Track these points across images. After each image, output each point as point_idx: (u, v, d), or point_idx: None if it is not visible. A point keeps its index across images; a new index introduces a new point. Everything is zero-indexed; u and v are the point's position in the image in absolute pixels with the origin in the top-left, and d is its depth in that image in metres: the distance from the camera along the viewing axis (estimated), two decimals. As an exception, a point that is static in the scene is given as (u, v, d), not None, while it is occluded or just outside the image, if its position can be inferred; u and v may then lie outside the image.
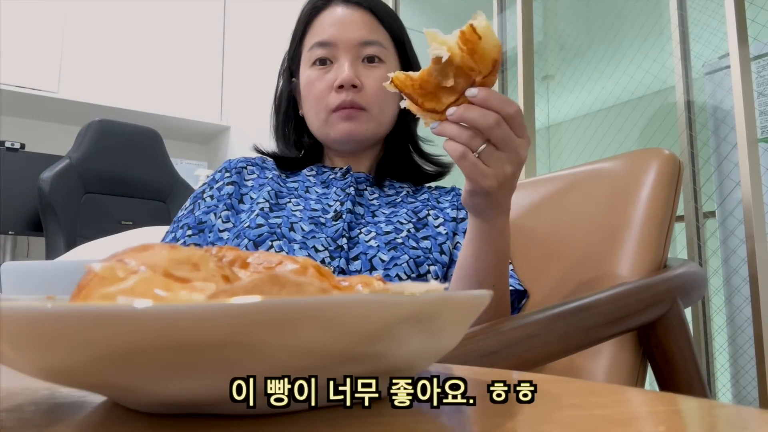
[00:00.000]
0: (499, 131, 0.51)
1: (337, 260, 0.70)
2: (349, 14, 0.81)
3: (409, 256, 0.71)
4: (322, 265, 0.70)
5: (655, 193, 0.77)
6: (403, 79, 0.53)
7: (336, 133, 0.79)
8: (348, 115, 0.78)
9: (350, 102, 0.77)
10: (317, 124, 0.81)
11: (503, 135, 0.52)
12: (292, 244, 0.70)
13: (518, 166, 0.54)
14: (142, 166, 2.30)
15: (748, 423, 0.19)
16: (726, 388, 1.61)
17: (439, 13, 2.67)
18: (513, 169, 0.54)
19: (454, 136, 0.53)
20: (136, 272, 0.20)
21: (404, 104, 0.55)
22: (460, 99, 0.53)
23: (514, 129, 0.52)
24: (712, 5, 1.60)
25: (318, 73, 0.80)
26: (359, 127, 0.79)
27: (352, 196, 0.79)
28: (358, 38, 0.79)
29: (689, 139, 1.56)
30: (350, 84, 0.77)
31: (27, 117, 2.86)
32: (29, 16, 2.62)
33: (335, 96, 0.78)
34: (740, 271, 1.54)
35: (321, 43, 0.80)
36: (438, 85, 0.52)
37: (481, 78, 0.51)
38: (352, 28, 0.80)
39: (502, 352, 0.52)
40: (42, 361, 0.18)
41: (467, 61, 0.50)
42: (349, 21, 0.80)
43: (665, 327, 0.67)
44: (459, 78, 0.52)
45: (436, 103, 0.53)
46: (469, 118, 0.51)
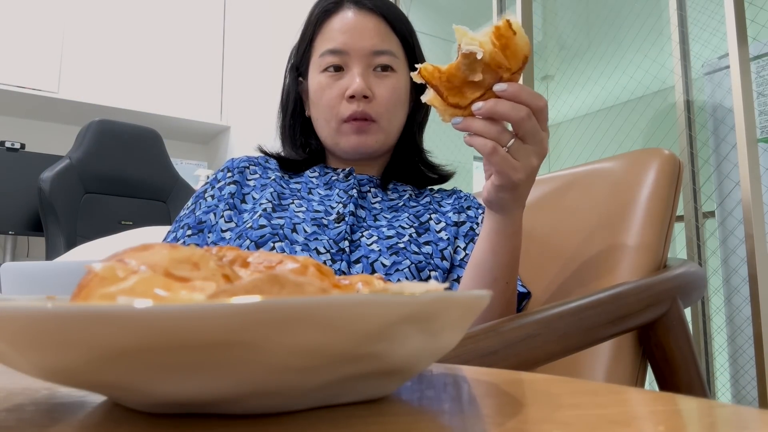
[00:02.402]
0: (529, 124, 0.53)
1: (338, 263, 0.70)
2: (360, 20, 0.80)
3: (410, 261, 0.72)
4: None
5: (655, 193, 0.77)
6: (431, 70, 0.54)
7: (346, 144, 0.80)
8: (359, 128, 0.78)
9: (361, 113, 0.77)
10: (327, 131, 0.81)
11: (532, 128, 0.54)
12: (294, 246, 0.70)
13: (543, 158, 0.56)
14: (142, 166, 2.30)
15: (747, 423, 0.19)
16: (726, 388, 1.61)
17: (440, 13, 2.67)
18: (539, 161, 0.56)
19: (481, 131, 0.54)
20: (136, 272, 0.20)
21: (427, 97, 0.55)
22: (486, 94, 0.53)
23: (540, 122, 0.55)
24: (712, 5, 1.61)
25: (329, 80, 0.80)
26: (369, 140, 0.79)
27: (355, 198, 0.79)
28: (370, 47, 0.79)
29: (689, 139, 1.56)
30: (362, 95, 0.77)
31: (27, 117, 2.86)
32: (29, 16, 2.62)
33: (346, 106, 0.78)
34: (740, 270, 1.55)
35: (333, 51, 0.79)
36: (464, 80, 0.53)
37: (509, 74, 0.53)
38: (365, 36, 0.79)
39: (502, 351, 0.52)
40: (42, 361, 0.18)
41: (498, 56, 0.51)
42: (361, 28, 0.79)
43: (665, 327, 0.67)
44: (486, 74, 0.53)
45: (460, 98, 0.54)
46: (501, 111, 0.53)
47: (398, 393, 0.24)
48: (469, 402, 0.24)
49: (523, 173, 0.55)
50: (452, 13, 2.66)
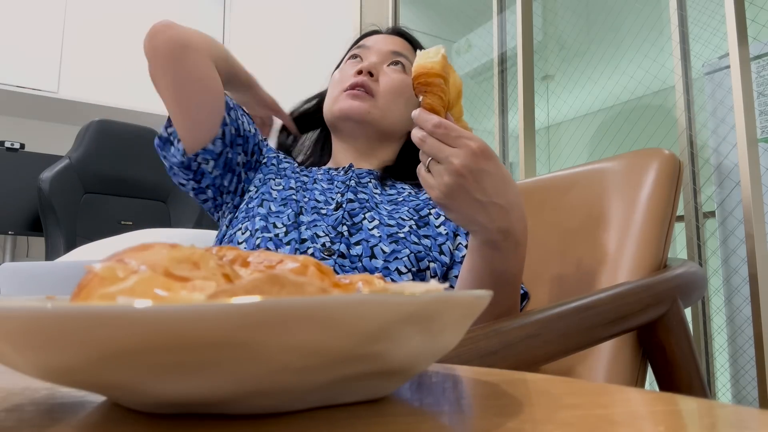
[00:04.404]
0: (427, 145, 0.55)
1: (337, 245, 0.72)
2: (388, 36, 0.92)
3: (410, 250, 0.72)
4: (323, 248, 0.71)
5: (655, 193, 0.77)
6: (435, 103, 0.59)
7: (338, 107, 0.85)
8: (354, 94, 0.84)
9: (362, 83, 0.84)
10: (329, 104, 0.88)
11: (431, 148, 0.55)
12: (300, 228, 0.73)
13: (457, 174, 0.54)
14: (142, 166, 2.30)
15: (747, 423, 0.19)
16: (726, 388, 1.61)
17: (439, 12, 2.67)
18: (453, 179, 0.54)
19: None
20: (136, 272, 0.20)
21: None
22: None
23: (443, 140, 0.55)
24: (712, 5, 1.61)
25: (346, 65, 0.90)
26: (361, 106, 0.84)
27: (353, 187, 0.81)
28: (390, 48, 0.89)
29: (689, 139, 1.56)
30: (368, 71, 0.85)
31: (26, 117, 2.86)
32: (29, 16, 2.62)
33: (352, 78, 0.85)
34: (740, 271, 1.55)
35: (359, 46, 0.91)
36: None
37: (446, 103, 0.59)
38: (387, 43, 0.90)
39: (502, 352, 0.52)
40: (42, 361, 0.18)
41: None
42: (386, 40, 0.91)
43: (665, 327, 0.67)
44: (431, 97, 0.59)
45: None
46: (412, 135, 0.57)
47: (398, 393, 0.24)
48: (469, 402, 0.24)
49: (437, 191, 0.55)
50: (452, 12, 2.66)
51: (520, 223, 0.58)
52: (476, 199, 0.55)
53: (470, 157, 0.53)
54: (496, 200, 0.55)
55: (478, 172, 0.54)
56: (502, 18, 2.12)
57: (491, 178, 0.54)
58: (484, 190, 0.54)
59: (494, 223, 0.56)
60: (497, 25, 2.12)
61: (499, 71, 2.10)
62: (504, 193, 0.56)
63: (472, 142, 0.54)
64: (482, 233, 0.58)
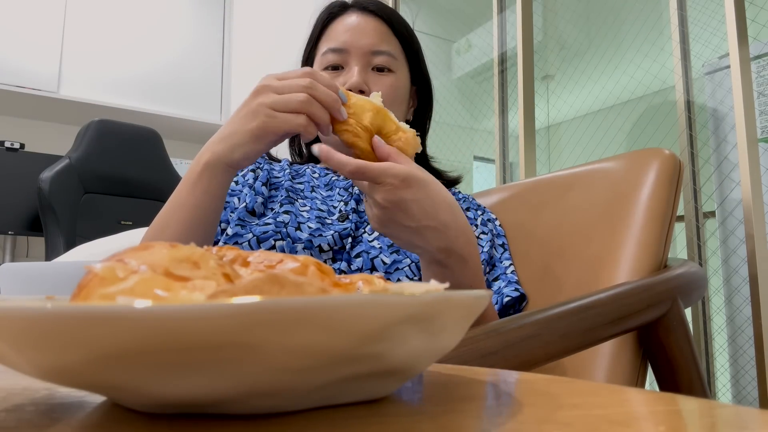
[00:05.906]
0: (356, 182, 0.56)
1: (339, 263, 0.71)
2: (362, 21, 0.83)
3: (411, 260, 0.72)
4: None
5: (655, 193, 0.76)
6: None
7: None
8: None
9: None
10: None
11: (360, 183, 0.56)
12: (296, 245, 0.71)
13: (381, 208, 0.55)
14: (142, 166, 2.30)
15: (748, 423, 0.19)
16: (726, 388, 1.61)
17: (439, 12, 2.67)
18: (380, 211, 0.56)
19: None
20: (136, 272, 0.20)
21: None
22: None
23: (362, 178, 0.55)
24: (712, 5, 1.61)
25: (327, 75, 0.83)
26: None
27: (357, 195, 0.80)
28: (369, 45, 0.81)
29: (689, 139, 1.56)
30: (357, 89, 0.78)
31: (26, 117, 2.86)
32: (29, 16, 2.62)
33: None
34: (740, 271, 1.55)
35: (334, 50, 0.82)
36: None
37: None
38: (365, 35, 0.82)
39: (502, 352, 0.52)
40: (42, 361, 0.18)
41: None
42: (362, 28, 0.82)
43: (665, 327, 0.67)
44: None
45: None
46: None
47: (398, 393, 0.24)
48: (469, 402, 0.24)
49: (373, 221, 0.57)
50: (453, 12, 2.66)
51: (460, 239, 0.59)
52: (407, 225, 0.56)
53: (390, 192, 0.54)
54: (426, 223, 0.56)
55: (401, 202, 0.55)
56: (502, 18, 2.12)
57: (417, 204, 0.55)
58: (412, 217, 0.55)
59: (432, 244, 0.58)
60: (497, 25, 2.12)
61: (499, 71, 2.10)
62: (434, 216, 0.56)
63: (392, 176, 0.54)
64: (425, 254, 0.60)
